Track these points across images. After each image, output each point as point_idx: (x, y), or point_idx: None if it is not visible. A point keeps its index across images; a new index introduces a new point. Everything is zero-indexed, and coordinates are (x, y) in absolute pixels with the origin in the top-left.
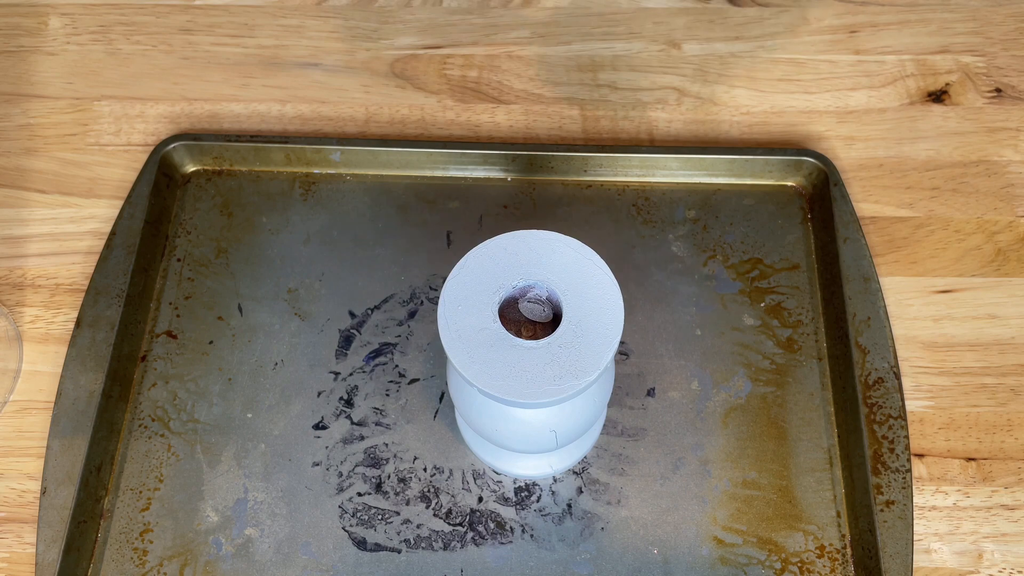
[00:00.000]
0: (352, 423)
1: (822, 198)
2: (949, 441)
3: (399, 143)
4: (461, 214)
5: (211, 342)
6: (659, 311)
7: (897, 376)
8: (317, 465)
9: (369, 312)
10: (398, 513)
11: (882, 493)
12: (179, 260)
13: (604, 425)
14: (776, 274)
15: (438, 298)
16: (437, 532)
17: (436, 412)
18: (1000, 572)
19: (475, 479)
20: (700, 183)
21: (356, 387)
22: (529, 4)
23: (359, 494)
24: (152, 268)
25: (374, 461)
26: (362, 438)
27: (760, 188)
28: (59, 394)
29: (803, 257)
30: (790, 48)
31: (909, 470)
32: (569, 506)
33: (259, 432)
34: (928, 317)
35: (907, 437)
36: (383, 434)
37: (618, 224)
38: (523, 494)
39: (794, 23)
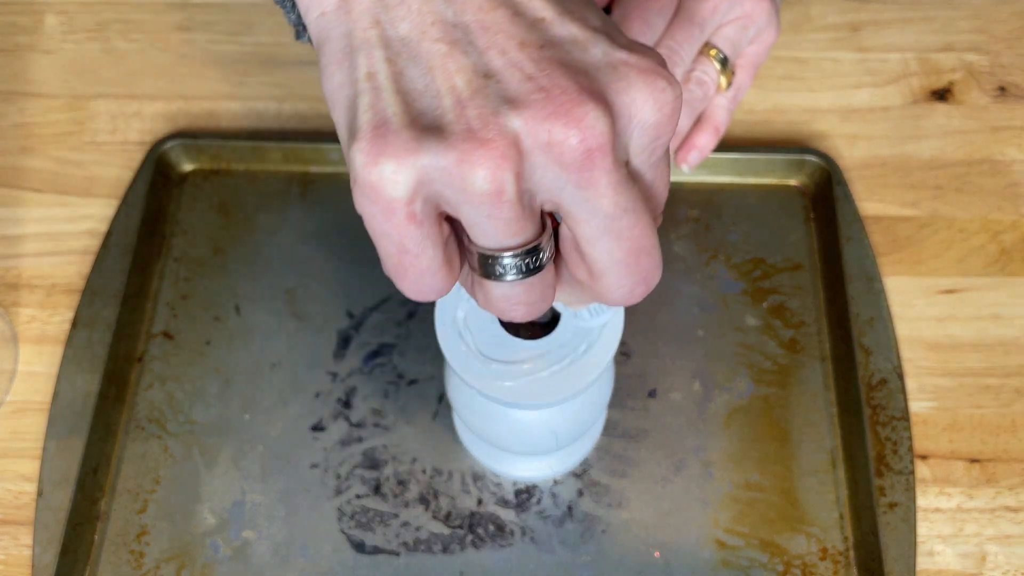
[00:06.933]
0: (350, 424)
1: (825, 197)
2: (953, 443)
3: None
4: None
5: (208, 343)
6: (660, 311)
7: (900, 377)
8: (315, 467)
9: (367, 313)
10: (397, 515)
11: (885, 495)
12: (176, 260)
13: (605, 426)
14: (778, 274)
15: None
16: (436, 535)
17: (435, 413)
18: (1004, 574)
19: (474, 481)
20: (702, 182)
21: (354, 388)
22: None
23: (357, 496)
24: (149, 268)
25: (372, 463)
26: (360, 440)
27: (762, 187)
28: (55, 395)
29: (806, 257)
30: (792, 46)
31: (912, 472)
32: (569, 508)
33: (257, 433)
34: (932, 317)
35: (910, 438)
36: (382, 436)
37: None
38: (523, 496)
39: (796, 20)
